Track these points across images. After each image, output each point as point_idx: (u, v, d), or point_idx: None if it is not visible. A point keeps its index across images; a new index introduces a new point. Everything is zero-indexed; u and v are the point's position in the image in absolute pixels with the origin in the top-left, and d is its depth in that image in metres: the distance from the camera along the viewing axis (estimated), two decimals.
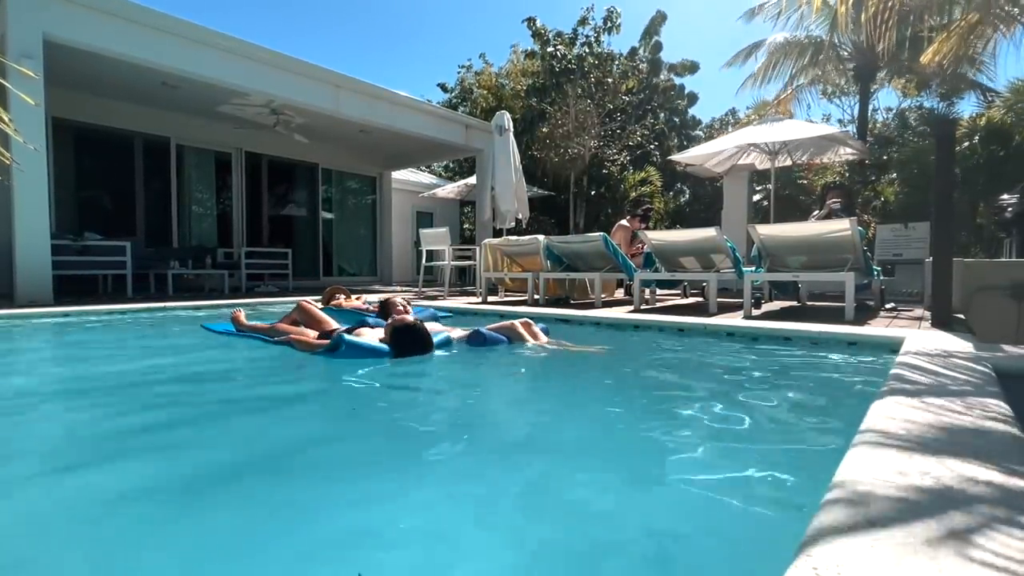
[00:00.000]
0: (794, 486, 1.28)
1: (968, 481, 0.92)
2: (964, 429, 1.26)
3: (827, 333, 3.24)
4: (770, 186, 8.76)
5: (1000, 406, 1.47)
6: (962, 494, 0.87)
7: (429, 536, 1.07)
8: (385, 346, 2.78)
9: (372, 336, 2.94)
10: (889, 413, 1.39)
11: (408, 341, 2.78)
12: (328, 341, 2.91)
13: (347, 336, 2.82)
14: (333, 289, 5.55)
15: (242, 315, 3.89)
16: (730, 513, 1.17)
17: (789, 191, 13.92)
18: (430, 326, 3.09)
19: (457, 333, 3.23)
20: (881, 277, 5.31)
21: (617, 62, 16.07)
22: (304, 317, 3.39)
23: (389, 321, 3.01)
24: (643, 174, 15.58)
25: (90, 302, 5.51)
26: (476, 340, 3.11)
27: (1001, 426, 1.27)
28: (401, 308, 3.55)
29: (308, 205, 11.81)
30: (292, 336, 3.20)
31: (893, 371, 2.00)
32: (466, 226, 17.52)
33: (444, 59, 50.95)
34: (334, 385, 2.49)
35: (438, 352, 2.93)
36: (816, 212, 5.59)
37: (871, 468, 0.97)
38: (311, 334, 3.19)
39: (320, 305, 5.45)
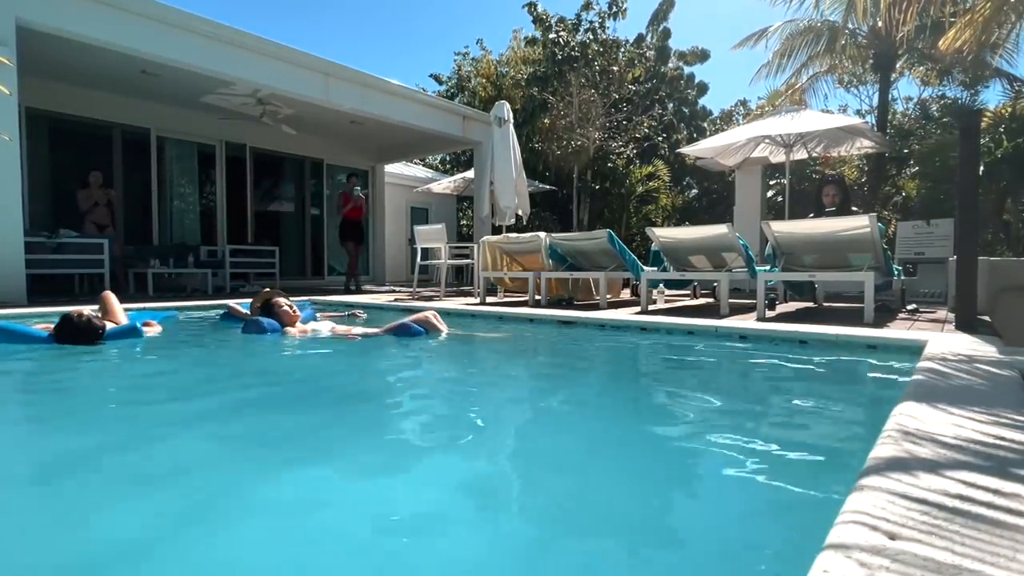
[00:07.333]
0: (809, 497, 1.28)
1: (994, 494, 0.92)
2: (988, 438, 1.26)
3: (845, 336, 3.24)
4: (784, 180, 8.75)
5: None
6: (987, 507, 0.87)
7: None
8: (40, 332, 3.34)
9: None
10: (910, 421, 1.39)
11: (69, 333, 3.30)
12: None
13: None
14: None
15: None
16: (736, 523, 1.17)
17: (805, 186, 13.90)
18: (318, 325, 4.09)
19: (357, 330, 3.83)
20: (902, 277, 5.32)
21: (623, 49, 16.06)
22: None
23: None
24: (650, 168, 15.54)
25: (65, 303, 5.50)
26: (403, 332, 3.68)
27: None
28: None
29: (296, 200, 11.81)
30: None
31: (915, 376, 2.00)
32: (463, 223, 17.54)
33: (439, 48, 51.02)
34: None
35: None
36: (813, 214, 5.59)
37: (889, 480, 0.97)
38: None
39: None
